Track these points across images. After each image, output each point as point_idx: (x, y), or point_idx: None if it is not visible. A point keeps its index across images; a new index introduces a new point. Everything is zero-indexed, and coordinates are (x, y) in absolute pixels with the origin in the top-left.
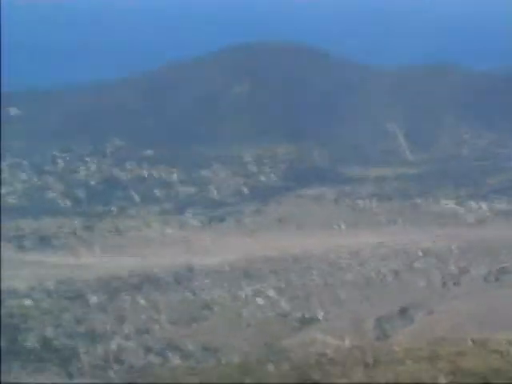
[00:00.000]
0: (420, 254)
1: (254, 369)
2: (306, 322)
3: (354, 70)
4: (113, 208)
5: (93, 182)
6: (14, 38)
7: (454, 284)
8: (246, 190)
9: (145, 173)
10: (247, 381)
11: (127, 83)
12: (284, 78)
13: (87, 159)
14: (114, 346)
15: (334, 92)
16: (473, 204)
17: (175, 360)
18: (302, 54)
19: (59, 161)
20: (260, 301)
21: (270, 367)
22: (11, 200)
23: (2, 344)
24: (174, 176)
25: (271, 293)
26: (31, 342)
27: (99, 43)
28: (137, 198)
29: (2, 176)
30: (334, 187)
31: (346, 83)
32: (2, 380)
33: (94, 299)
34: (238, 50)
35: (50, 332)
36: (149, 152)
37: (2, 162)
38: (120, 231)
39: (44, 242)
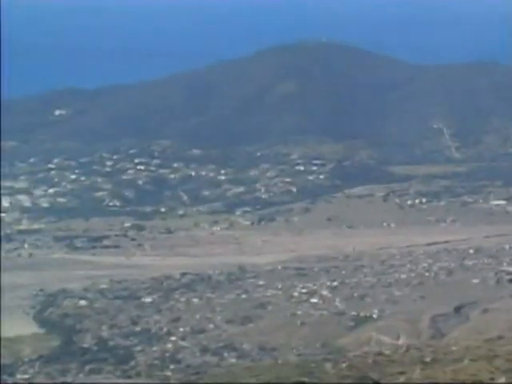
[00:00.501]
0: (471, 251)
1: (311, 368)
2: (361, 320)
3: (400, 69)
4: (162, 208)
5: (141, 182)
6: (58, 39)
7: (509, 281)
8: (294, 189)
9: (193, 173)
10: (305, 380)
11: (174, 83)
12: (330, 77)
13: (135, 160)
14: (169, 345)
15: (381, 91)
16: None
17: (231, 359)
18: (347, 53)
19: (107, 161)
20: (314, 300)
21: (328, 366)
22: (60, 200)
23: (58, 344)
24: (222, 175)
25: (325, 292)
26: (87, 342)
27: (145, 44)
28: (185, 197)
29: (51, 177)
30: (381, 186)
31: (392, 82)
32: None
33: (148, 299)
34: (284, 49)
35: (105, 332)
36: (196, 152)
37: (50, 163)
38: (170, 231)
39: (95, 242)
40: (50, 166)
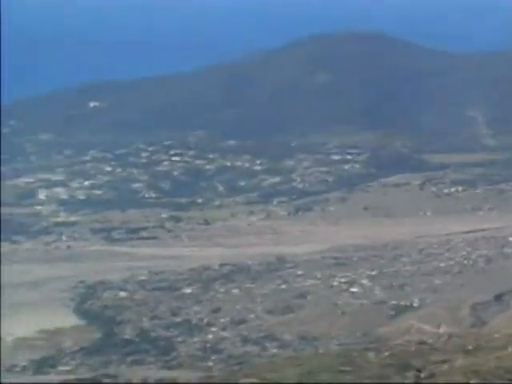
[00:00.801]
0: (510, 239)
1: (354, 357)
2: (401, 309)
3: (434, 57)
4: (198, 199)
5: (176, 174)
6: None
7: None
8: (330, 179)
9: (228, 163)
10: (348, 369)
11: (208, 74)
12: (364, 66)
13: (171, 151)
14: (210, 336)
15: (415, 79)
16: None
17: (272, 349)
18: (381, 42)
19: (143, 153)
20: (354, 289)
21: (370, 355)
22: (97, 192)
23: (99, 336)
24: (258, 166)
25: (364, 281)
26: (128, 333)
27: (178, 36)
28: (221, 188)
29: (87, 169)
30: (417, 174)
31: (427, 70)
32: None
33: (187, 290)
34: (318, 39)
35: (146, 323)
36: (232, 142)
37: (86, 156)
38: (207, 222)
39: (132, 233)
40: (86, 158)
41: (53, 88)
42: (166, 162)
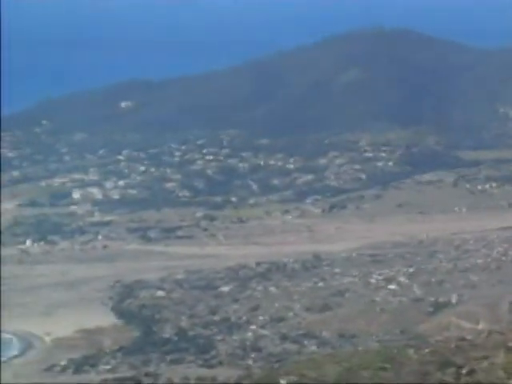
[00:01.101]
0: None
1: (393, 354)
2: (440, 306)
3: (465, 54)
4: (232, 197)
5: (210, 172)
6: (122, 33)
7: None
8: (363, 176)
9: (261, 162)
10: (388, 366)
11: (240, 73)
12: (395, 64)
13: (204, 150)
14: (249, 334)
15: (447, 76)
16: None
17: (311, 347)
18: (412, 40)
19: (176, 152)
20: (392, 286)
21: (410, 352)
22: (131, 192)
23: (138, 335)
24: (291, 164)
25: (402, 278)
26: (167, 332)
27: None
28: (255, 187)
29: (120, 168)
30: (451, 171)
31: (458, 67)
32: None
33: (225, 288)
34: (349, 37)
35: (184, 322)
36: (264, 141)
37: (120, 155)
38: (242, 220)
39: (168, 233)
40: (120, 157)
41: (84, 88)
42: (199, 161)
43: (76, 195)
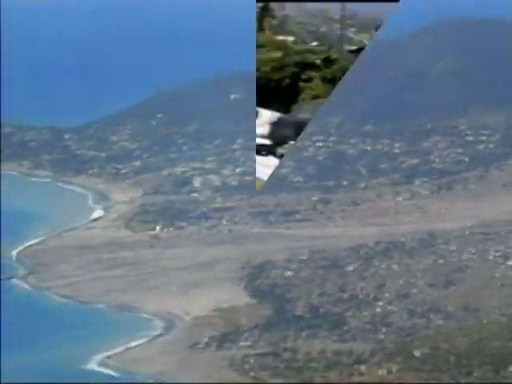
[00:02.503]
0: None
1: None
2: None
3: None
4: (343, 182)
5: (320, 158)
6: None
7: None
8: (466, 159)
9: (368, 147)
10: None
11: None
12: (488, 51)
13: (313, 137)
14: (378, 310)
15: None
16: None
17: (438, 321)
18: (504, 29)
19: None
20: (510, 262)
21: None
22: (248, 179)
23: (272, 313)
24: (397, 149)
25: None
26: (300, 310)
27: None
28: (364, 171)
29: (236, 157)
30: None
31: None
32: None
33: (349, 267)
34: (445, 25)
35: (315, 300)
36: (369, 127)
37: (234, 144)
38: (356, 203)
39: (287, 216)
40: (235, 146)
41: (191, 81)
42: (310, 148)
43: (196, 183)
